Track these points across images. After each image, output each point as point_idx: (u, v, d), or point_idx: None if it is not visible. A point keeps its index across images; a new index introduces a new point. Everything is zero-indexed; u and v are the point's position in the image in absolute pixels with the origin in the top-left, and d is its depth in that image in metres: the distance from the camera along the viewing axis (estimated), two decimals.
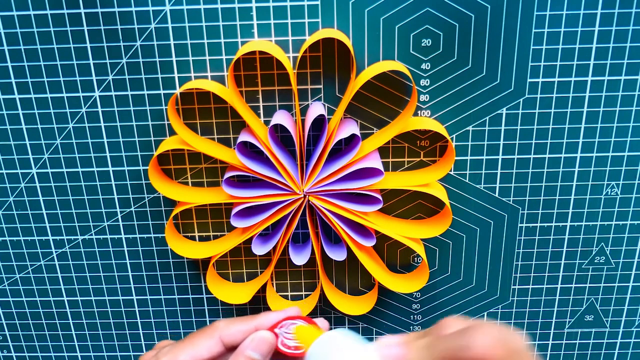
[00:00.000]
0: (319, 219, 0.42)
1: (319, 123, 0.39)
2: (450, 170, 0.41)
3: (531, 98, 0.39)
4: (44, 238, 0.44)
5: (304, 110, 0.39)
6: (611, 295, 0.45)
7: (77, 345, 0.48)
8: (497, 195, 0.42)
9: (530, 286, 0.45)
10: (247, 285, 0.45)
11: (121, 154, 0.41)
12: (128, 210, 0.43)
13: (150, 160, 0.39)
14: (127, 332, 0.48)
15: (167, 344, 0.35)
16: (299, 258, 0.42)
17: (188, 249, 0.43)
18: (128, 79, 0.39)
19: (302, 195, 0.39)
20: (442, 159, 0.41)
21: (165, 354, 0.33)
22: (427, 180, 0.40)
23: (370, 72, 0.37)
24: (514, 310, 0.46)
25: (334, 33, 0.37)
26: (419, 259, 0.44)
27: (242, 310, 0.46)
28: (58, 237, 0.44)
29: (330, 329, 0.32)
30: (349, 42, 0.37)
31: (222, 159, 0.39)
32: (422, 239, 0.43)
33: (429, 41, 0.38)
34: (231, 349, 0.33)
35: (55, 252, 0.44)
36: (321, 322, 0.34)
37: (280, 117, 0.38)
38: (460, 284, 0.45)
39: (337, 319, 0.47)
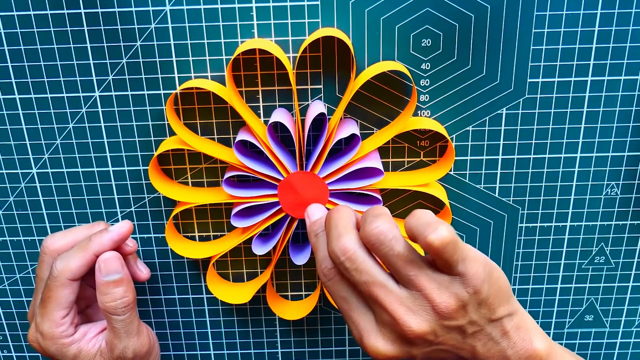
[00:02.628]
0: None
1: (319, 123, 0.39)
2: (450, 170, 0.41)
3: (531, 98, 0.39)
4: (44, 238, 0.44)
5: (303, 110, 0.39)
6: (611, 295, 0.45)
7: None
8: (497, 195, 0.42)
9: (530, 286, 0.45)
10: (247, 285, 0.45)
11: (121, 154, 0.41)
12: (128, 210, 0.43)
13: (150, 160, 0.39)
14: None
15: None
16: (299, 258, 0.42)
17: (188, 249, 0.43)
18: (128, 79, 0.39)
19: None
20: (442, 159, 0.41)
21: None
22: (427, 180, 0.40)
23: (370, 72, 0.37)
24: None
25: (334, 31, 0.36)
26: None
27: (242, 310, 0.46)
28: None
29: None
30: (348, 41, 0.37)
31: (222, 159, 0.39)
32: None
33: (429, 41, 0.38)
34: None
35: None
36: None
37: (279, 115, 0.38)
38: None
39: (337, 319, 0.47)
